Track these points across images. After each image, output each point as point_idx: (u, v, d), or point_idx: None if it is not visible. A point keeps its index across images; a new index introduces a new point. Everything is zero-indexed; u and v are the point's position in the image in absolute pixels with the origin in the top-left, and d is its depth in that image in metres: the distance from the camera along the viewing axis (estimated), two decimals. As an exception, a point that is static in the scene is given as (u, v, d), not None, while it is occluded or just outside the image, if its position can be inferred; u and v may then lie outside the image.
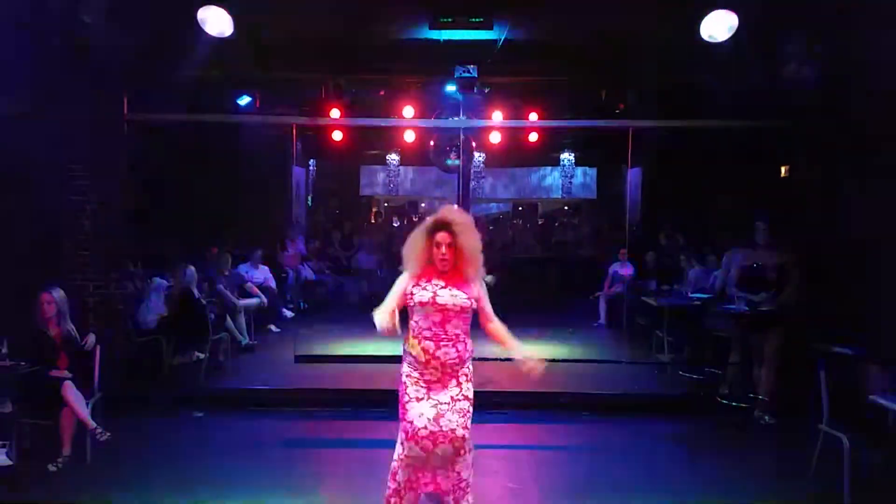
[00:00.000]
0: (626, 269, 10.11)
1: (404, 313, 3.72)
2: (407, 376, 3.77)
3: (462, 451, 3.69)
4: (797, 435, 5.24)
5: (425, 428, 3.63)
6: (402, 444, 3.75)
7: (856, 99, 6.54)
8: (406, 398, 3.74)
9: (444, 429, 3.62)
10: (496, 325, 3.82)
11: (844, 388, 4.76)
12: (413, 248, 3.74)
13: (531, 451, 5.48)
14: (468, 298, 3.67)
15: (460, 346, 3.70)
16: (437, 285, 3.67)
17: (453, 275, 3.69)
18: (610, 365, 7.60)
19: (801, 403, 5.17)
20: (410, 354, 3.76)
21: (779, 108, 7.53)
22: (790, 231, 6.85)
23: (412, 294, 3.69)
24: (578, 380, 6.95)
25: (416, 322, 3.74)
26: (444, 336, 3.67)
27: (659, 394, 6.73)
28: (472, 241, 3.69)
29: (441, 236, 3.67)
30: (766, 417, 6.02)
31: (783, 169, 9.41)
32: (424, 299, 3.66)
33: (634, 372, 7.40)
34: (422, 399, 3.69)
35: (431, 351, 3.66)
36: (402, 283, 3.77)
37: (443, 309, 3.65)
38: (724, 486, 4.78)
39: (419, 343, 3.69)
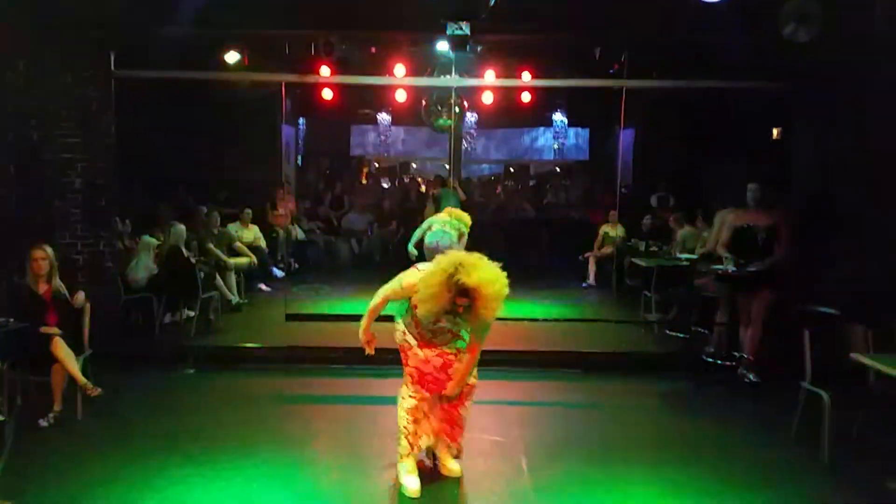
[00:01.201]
0: (616, 230, 10.13)
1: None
2: (407, 326, 3.91)
3: (469, 397, 3.96)
4: (781, 393, 5.31)
5: (431, 374, 3.75)
6: (408, 386, 3.91)
7: (851, 61, 6.50)
8: (408, 345, 3.86)
9: (451, 376, 3.81)
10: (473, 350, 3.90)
11: (828, 347, 4.81)
12: (432, 298, 3.58)
13: (519, 408, 5.56)
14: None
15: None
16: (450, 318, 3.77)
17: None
18: (598, 324, 7.66)
19: (785, 362, 5.24)
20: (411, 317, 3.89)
21: (774, 69, 7.48)
22: (781, 193, 6.87)
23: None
24: (567, 339, 7.03)
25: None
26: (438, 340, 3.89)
27: (646, 352, 6.81)
28: (492, 307, 3.54)
29: (461, 301, 3.55)
30: (751, 376, 6.10)
31: (775, 131, 9.41)
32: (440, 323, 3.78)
33: (622, 331, 7.47)
34: (425, 347, 3.79)
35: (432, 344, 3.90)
36: (407, 285, 3.81)
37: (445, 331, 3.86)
38: (708, 443, 4.87)
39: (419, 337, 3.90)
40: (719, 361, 6.41)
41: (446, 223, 4.41)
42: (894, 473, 4.24)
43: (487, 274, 3.49)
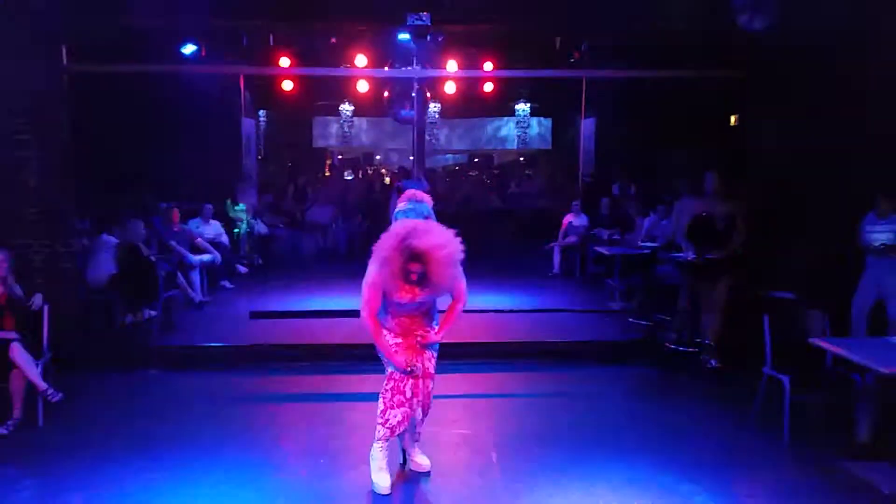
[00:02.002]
0: (579, 220, 10.23)
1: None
2: (384, 322, 3.98)
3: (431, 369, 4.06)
4: (742, 378, 5.45)
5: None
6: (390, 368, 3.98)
7: (807, 48, 6.62)
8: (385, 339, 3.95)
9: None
10: (454, 307, 3.98)
11: (787, 331, 4.94)
12: (385, 262, 3.67)
13: (487, 400, 5.60)
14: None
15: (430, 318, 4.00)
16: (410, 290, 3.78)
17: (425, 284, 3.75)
18: (564, 314, 7.73)
19: (746, 348, 5.36)
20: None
21: (730, 57, 7.60)
22: (739, 180, 7.00)
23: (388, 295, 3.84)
24: (533, 329, 7.09)
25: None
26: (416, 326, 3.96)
27: (609, 341, 6.89)
28: (445, 273, 3.66)
29: (413, 266, 3.63)
30: (713, 362, 6.23)
31: (732, 118, 9.58)
32: (401, 299, 3.81)
33: (587, 320, 7.56)
34: (398, 336, 3.95)
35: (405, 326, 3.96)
36: (376, 280, 3.82)
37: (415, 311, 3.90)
38: (672, 429, 4.96)
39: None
40: (682, 348, 6.54)
41: (409, 205, 4.41)
42: (850, 453, 4.38)
43: (438, 238, 3.62)
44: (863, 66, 6.10)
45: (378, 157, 18.33)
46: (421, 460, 4.22)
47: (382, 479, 3.95)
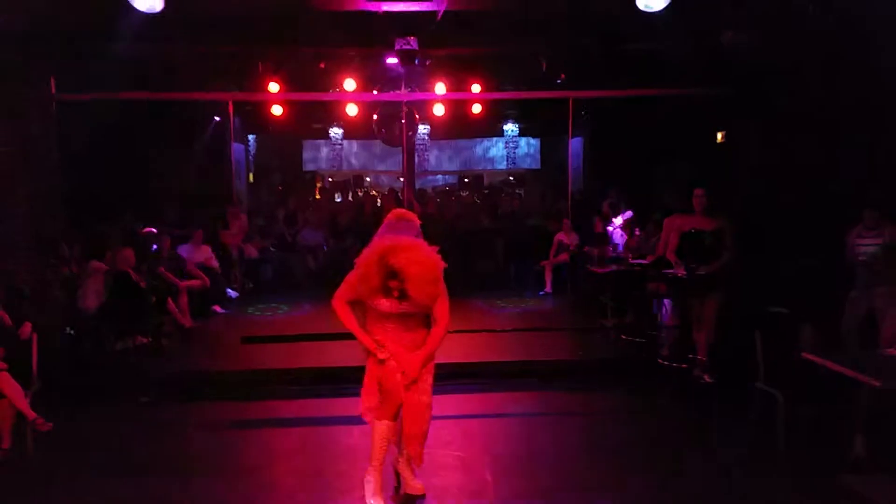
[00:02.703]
0: (570, 238, 10.26)
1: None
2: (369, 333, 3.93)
3: (429, 380, 3.93)
4: (735, 393, 5.44)
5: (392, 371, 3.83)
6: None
7: (791, 66, 6.72)
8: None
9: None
10: (435, 332, 3.91)
11: (778, 346, 4.94)
12: (366, 277, 3.70)
13: (481, 421, 5.57)
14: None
15: (415, 337, 3.91)
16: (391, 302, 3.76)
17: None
18: (557, 332, 7.72)
19: (738, 363, 5.37)
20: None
21: (716, 75, 7.70)
22: (727, 196, 7.05)
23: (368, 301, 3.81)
24: (526, 349, 7.07)
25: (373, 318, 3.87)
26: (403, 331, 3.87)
27: (602, 359, 6.89)
28: (424, 290, 3.67)
29: (392, 283, 3.66)
30: (705, 377, 6.23)
31: (719, 135, 9.67)
32: (383, 309, 3.77)
33: (581, 338, 7.55)
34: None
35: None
36: (354, 283, 3.80)
37: (400, 319, 3.82)
38: (665, 446, 4.95)
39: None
40: (674, 364, 6.54)
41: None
42: (846, 467, 4.37)
43: (416, 256, 3.64)
44: (836, 85, 6.19)
45: (368, 179, 18.38)
46: (415, 483, 4.18)
47: (377, 503, 3.91)
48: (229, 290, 9.78)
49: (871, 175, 5.97)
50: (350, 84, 9.95)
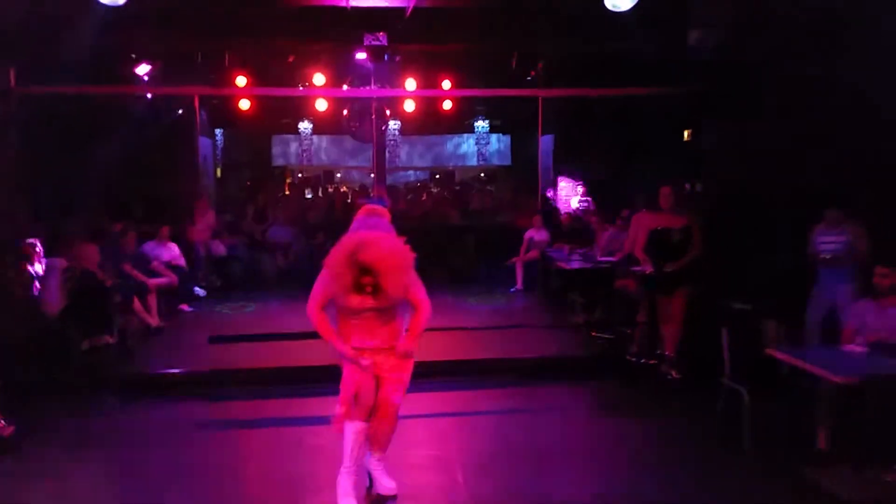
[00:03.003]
0: (541, 235, 10.30)
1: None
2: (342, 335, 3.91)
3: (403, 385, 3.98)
4: (702, 388, 5.52)
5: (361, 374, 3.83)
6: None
7: (759, 64, 6.81)
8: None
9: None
10: (418, 316, 3.90)
11: (744, 342, 5.02)
12: (338, 276, 3.69)
13: (452, 419, 5.56)
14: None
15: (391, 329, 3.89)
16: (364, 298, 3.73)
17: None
18: (527, 329, 7.75)
19: (705, 359, 5.44)
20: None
21: (684, 74, 7.78)
22: (694, 194, 7.16)
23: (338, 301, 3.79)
24: (497, 346, 7.07)
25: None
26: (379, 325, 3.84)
27: (573, 356, 6.93)
28: (398, 282, 3.68)
29: (366, 280, 3.65)
30: (673, 373, 6.30)
31: (686, 133, 9.79)
32: (354, 305, 3.75)
33: (550, 335, 7.59)
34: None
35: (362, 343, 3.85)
36: (328, 285, 3.78)
37: (373, 314, 3.79)
38: (635, 443, 5.00)
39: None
40: (643, 360, 6.61)
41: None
42: (810, 461, 4.46)
43: (385, 250, 3.65)
44: (804, 83, 6.29)
45: (338, 174, 18.26)
46: (387, 483, 4.16)
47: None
48: (197, 288, 9.64)
49: (839, 173, 6.07)
50: (319, 79, 9.88)
